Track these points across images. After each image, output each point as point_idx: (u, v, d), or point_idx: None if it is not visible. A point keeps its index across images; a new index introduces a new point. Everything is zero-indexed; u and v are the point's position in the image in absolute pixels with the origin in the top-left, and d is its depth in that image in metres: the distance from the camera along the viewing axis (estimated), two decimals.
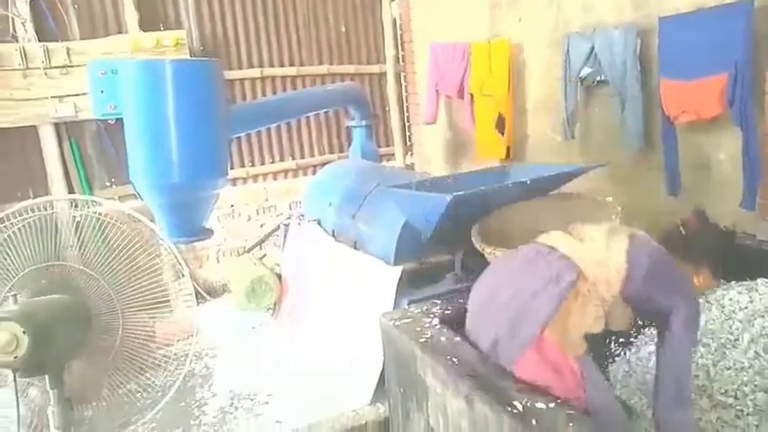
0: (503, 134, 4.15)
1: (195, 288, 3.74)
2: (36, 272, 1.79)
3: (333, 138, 5.50)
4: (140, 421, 3.06)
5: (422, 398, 1.84)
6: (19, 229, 2.04)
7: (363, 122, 4.40)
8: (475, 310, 1.77)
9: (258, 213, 5.11)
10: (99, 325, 1.63)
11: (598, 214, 2.34)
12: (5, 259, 1.96)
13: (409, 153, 5.58)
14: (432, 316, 2.04)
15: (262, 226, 5.04)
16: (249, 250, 4.58)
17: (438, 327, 1.94)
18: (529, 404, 1.46)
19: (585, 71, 3.51)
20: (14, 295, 1.43)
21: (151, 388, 3.37)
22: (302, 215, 4.12)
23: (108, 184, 4.49)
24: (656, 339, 1.79)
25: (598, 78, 3.46)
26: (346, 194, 3.51)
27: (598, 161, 3.10)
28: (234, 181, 4.94)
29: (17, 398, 1.34)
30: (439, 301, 2.17)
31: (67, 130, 4.32)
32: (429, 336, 1.88)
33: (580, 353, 1.59)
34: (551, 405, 1.45)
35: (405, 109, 5.57)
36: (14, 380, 1.32)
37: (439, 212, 2.38)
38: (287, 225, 4.28)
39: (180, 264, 3.36)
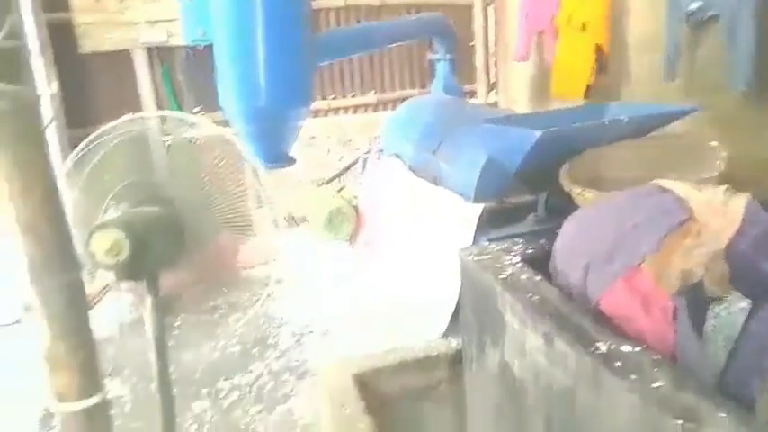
0: (598, 70, 3.88)
1: (276, 216, 3.85)
2: (132, 185, 1.90)
3: (414, 73, 5.39)
4: (223, 336, 3.25)
5: (498, 334, 1.83)
6: (116, 144, 2.14)
7: (448, 56, 4.27)
8: (566, 242, 1.71)
9: (337, 146, 5.15)
10: (190, 240, 1.71)
11: (701, 160, 2.18)
12: (105, 173, 2.09)
13: (493, 91, 5.40)
14: (512, 254, 1.99)
15: (340, 159, 5.08)
16: (328, 182, 4.65)
17: (519, 264, 1.90)
18: (613, 346, 1.41)
19: (694, 5, 3.21)
20: (116, 204, 1.51)
21: (233, 306, 3.56)
22: (381, 150, 4.12)
23: (197, 110, 4.63)
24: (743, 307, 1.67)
25: (709, 14, 3.16)
26: (427, 129, 3.46)
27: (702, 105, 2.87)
28: (315, 113, 4.97)
29: (118, 299, 1.43)
30: (520, 241, 2.11)
31: (159, 56, 4.45)
32: (509, 273, 1.84)
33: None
34: (637, 348, 1.40)
35: (491, 45, 5.35)
36: (116, 282, 1.40)
37: (526, 149, 2.30)
38: (366, 159, 4.29)
39: (262, 190, 3.45)
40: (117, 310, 3.09)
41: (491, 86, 5.38)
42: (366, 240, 3.94)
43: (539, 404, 1.64)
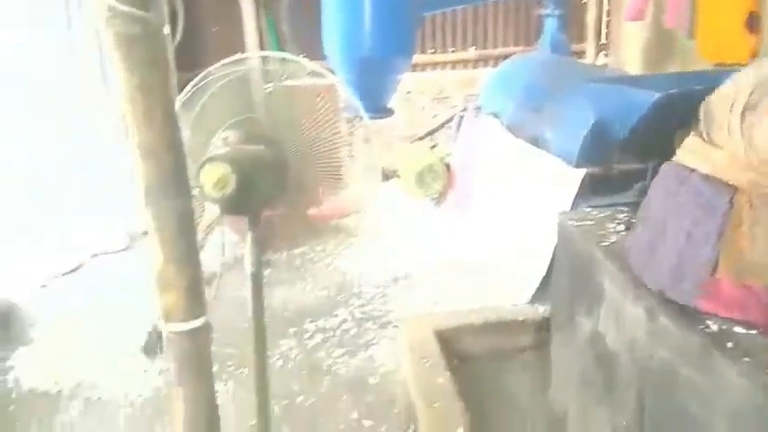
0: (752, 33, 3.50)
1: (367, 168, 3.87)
2: (238, 124, 1.96)
3: (520, 28, 5.16)
4: (310, 280, 3.35)
5: (594, 303, 1.75)
6: (223, 85, 2.20)
7: (557, 12, 4.04)
8: (640, 248, 1.58)
9: (432, 103, 5.06)
10: (291, 182, 1.75)
11: None
12: (212, 112, 2.17)
13: (603, 52, 5.08)
14: (617, 222, 1.89)
15: (435, 116, 5.01)
16: (421, 138, 4.60)
17: (624, 232, 1.80)
18: (725, 326, 1.31)
19: None
20: (224, 139, 1.55)
21: (321, 252, 3.65)
22: (479, 107, 4.00)
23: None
24: None
25: None
26: (530, 88, 3.31)
27: None
28: (412, 67, 4.89)
29: (223, 232, 1.49)
30: (626, 209, 2.00)
31: (265, 4, 4.51)
32: (613, 241, 1.75)
33: None
34: (752, 331, 1.29)
35: (605, 1, 5.01)
36: (221, 215, 1.44)
37: (640, 113, 2.14)
38: (462, 117, 4.19)
39: (356, 141, 3.47)
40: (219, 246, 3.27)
41: (601, 47, 5.06)
42: (456, 199, 3.89)
43: (632, 378, 1.57)
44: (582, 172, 2.57)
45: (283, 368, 2.54)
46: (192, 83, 2.95)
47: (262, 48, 4.56)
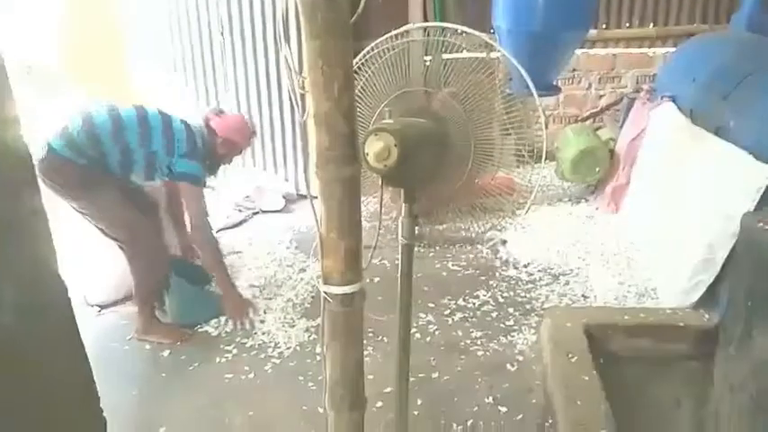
0: None
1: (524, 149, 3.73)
2: (405, 95, 1.98)
3: (708, 4, 4.62)
4: (454, 258, 3.34)
5: None
6: (389, 56, 2.23)
7: None
8: None
9: (600, 82, 4.72)
10: (452, 158, 1.73)
11: None
12: (378, 82, 2.21)
13: None
14: None
15: (601, 97, 4.68)
16: (584, 119, 4.34)
17: None
18: None
19: None
20: (389, 110, 1.56)
21: (469, 231, 3.61)
22: (652, 90, 3.67)
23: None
24: None
25: None
26: (719, 70, 2.95)
27: None
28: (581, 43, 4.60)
29: (381, 202, 1.51)
30: None
31: None
32: None
33: None
34: None
35: None
36: (381, 186, 1.45)
37: None
38: (632, 99, 3.87)
39: (512, 120, 3.35)
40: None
41: None
42: (614, 190, 3.62)
43: None
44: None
45: (421, 341, 2.56)
46: (360, 54, 3.03)
47: (425, 18, 4.53)
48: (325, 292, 1.20)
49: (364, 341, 2.44)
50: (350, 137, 1.04)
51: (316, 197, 1.13)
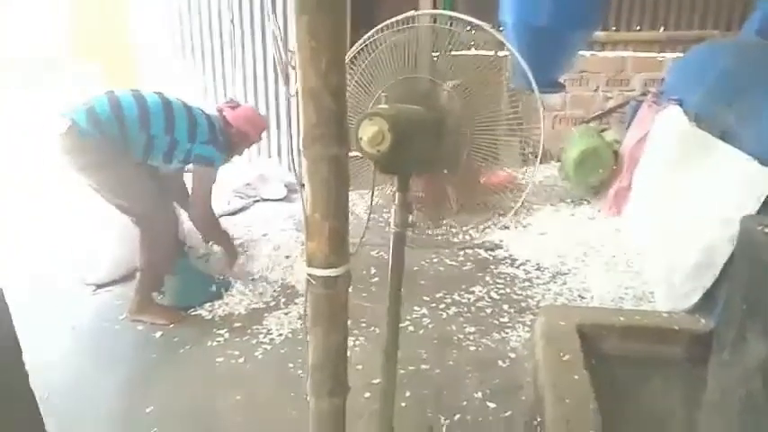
0: None
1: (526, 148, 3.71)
2: (403, 81, 1.96)
3: (721, 10, 4.57)
4: (449, 253, 3.32)
5: None
6: (389, 43, 2.21)
7: None
8: None
9: (608, 85, 4.69)
10: (448, 148, 1.71)
11: None
12: (379, 67, 2.19)
13: None
14: None
15: (609, 99, 4.65)
16: (590, 120, 4.31)
17: None
18: None
19: None
20: (386, 96, 1.54)
21: (464, 224, 3.59)
22: (660, 93, 3.63)
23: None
24: None
25: None
26: (726, 75, 2.93)
27: None
28: (590, 44, 4.56)
29: (373, 188, 1.48)
30: None
31: None
32: None
33: None
34: None
35: None
36: (374, 172, 1.43)
37: None
38: (639, 102, 3.84)
39: (517, 119, 3.32)
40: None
41: None
42: (616, 192, 3.60)
43: None
44: None
45: (414, 334, 2.55)
46: (360, 41, 3.01)
47: (435, 7, 4.49)
48: (309, 274, 1.18)
49: (356, 331, 2.46)
50: (338, 115, 1.03)
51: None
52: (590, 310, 2.60)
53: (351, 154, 1.46)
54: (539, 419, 2.02)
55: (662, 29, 4.67)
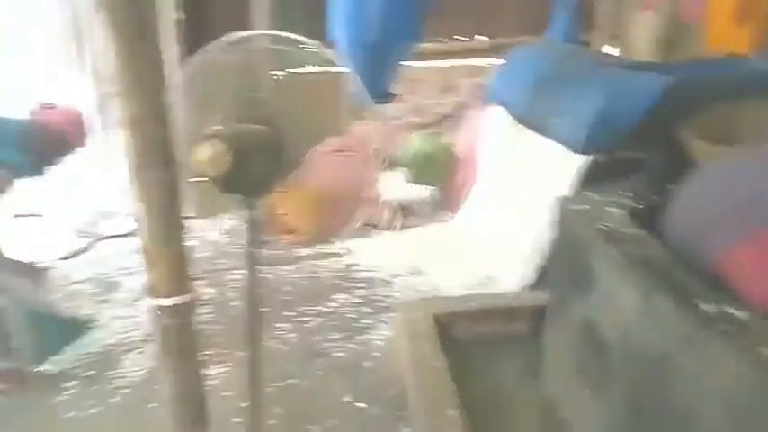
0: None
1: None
2: (240, 103, 1.95)
3: (539, 17, 5.06)
4: (308, 265, 3.35)
5: (588, 288, 1.74)
6: (225, 63, 2.18)
7: None
8: (692, 195, 1.56)
9: (439, 92, 5.00)
10: (288, 164, 1.74)
11: None
12: (213, 89, 2.14)
13: (610, 44, 4.98)
14: (616, 206, 1.87)
15: (441, 105, 4.96)
16: (424, 127, 4.57)
17: (623, 217, 1.78)
18: (722, 308, 1.29)
19: None
20: (223, 118, 1.54)
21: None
22: (485, 97, 3.96)
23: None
24: None
25: None
26: (539, 76, 3.26)
27: None
28: (419, 56, 4.82)
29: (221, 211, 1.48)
30: (629, 194, 1.97)
31: None
32: (611, 225, 1.73)
33: None
34: (749, 312, 1.27)
35: None
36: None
37: (651, 98, 2.10)
38: (468, 106, 4.16)
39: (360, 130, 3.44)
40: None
41: (611, 37, 4.98)
42: (460, 187, 3.87)
43: (626, 364, 1.56)
44: (583, 159, 2.54)
45: (280, 350, 2.54)
46: (193, 62, 2.94)
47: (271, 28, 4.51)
48: (153, 306, 1.16)
49: (222, 357, 2.39)
50: (164, 140, 1.02)
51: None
52: (444, 299, 2.77)
53: (198, 178, 1.46)
54: (409, 410, 2.13)
55: (482, 37, 5.06)
